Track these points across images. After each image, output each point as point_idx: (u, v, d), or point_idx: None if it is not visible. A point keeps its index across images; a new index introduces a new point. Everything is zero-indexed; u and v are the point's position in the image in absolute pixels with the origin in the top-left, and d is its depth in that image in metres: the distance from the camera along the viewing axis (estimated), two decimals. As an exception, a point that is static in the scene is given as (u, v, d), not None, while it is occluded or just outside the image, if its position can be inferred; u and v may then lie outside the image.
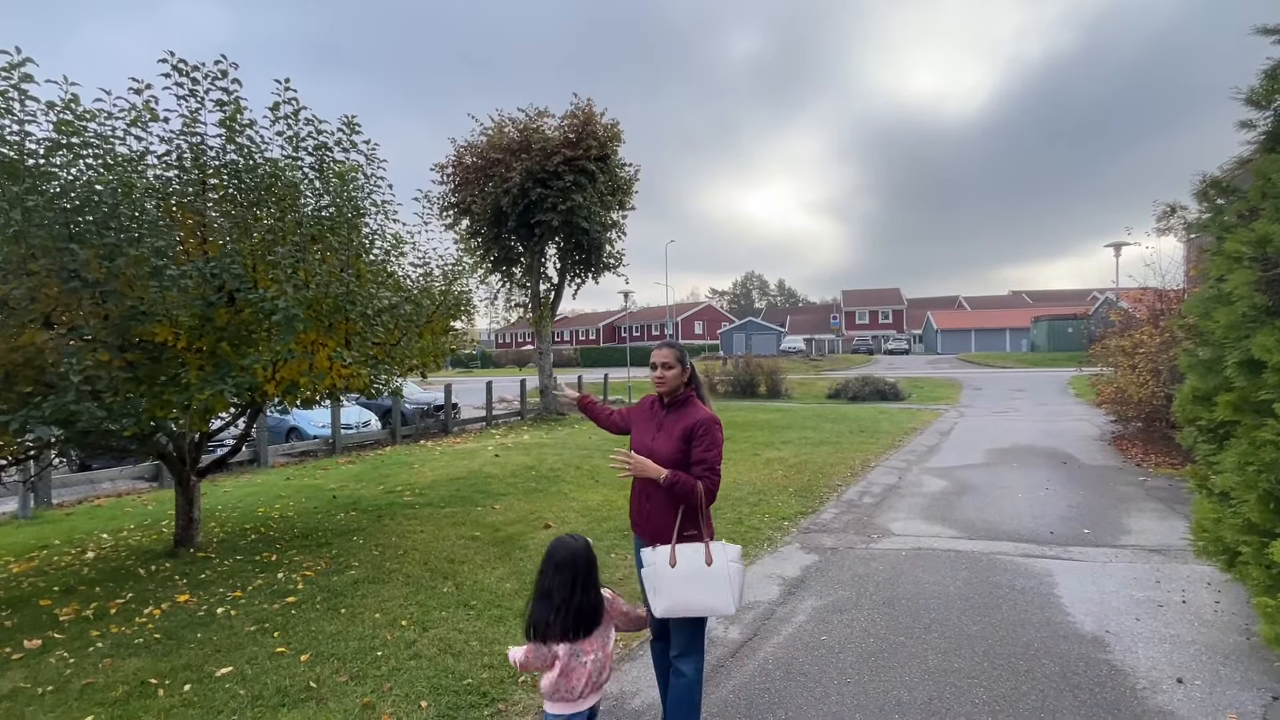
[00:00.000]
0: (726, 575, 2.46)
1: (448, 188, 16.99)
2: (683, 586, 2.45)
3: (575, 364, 56.71)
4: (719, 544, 2.52)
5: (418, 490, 8.09)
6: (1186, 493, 7.24)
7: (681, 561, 2.46)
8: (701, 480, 2.50)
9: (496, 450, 11.51)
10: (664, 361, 2.68)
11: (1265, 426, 3.05)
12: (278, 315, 3.73)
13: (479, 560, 5.25)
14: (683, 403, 2.69)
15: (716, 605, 2.48)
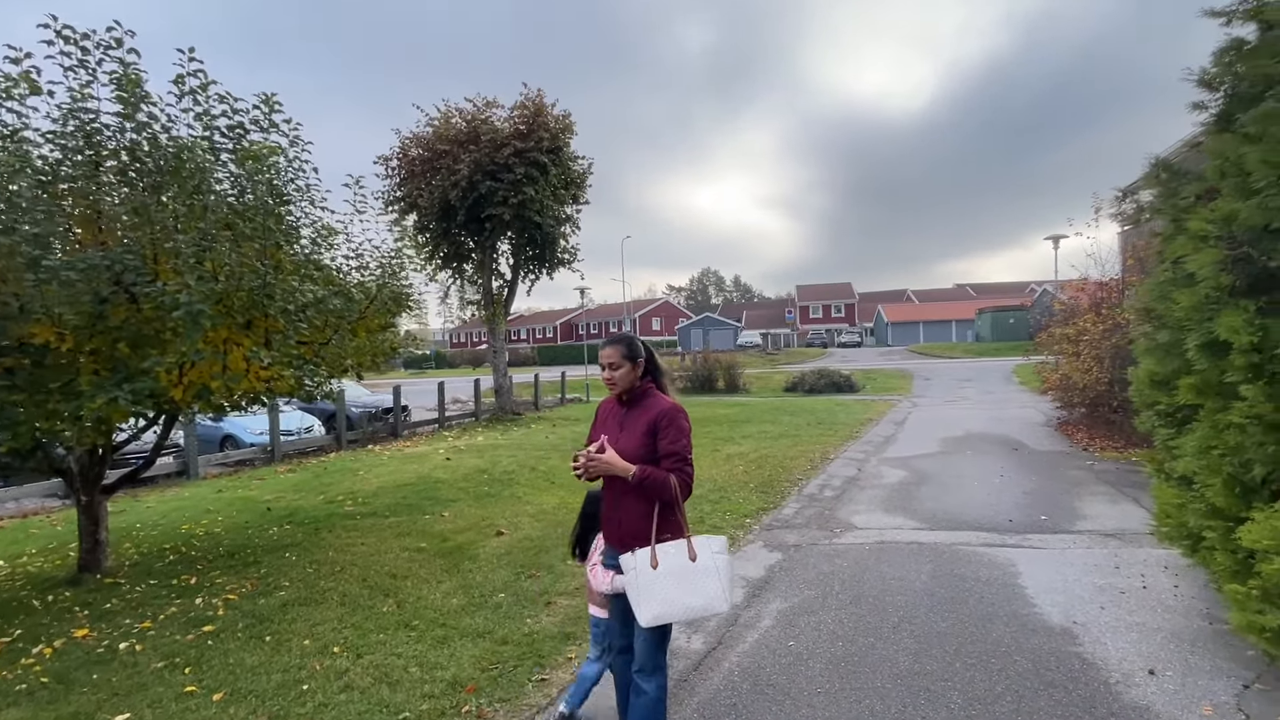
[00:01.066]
0: (715, 568, 2.31)
1: (393, 181, 16.29)
2: (669, 588, 2.28)
3: (532, 362, 55.88)
4: (701, 537, 2.37)
5: (361, 499, 7.60)
6: (1134, 476, 7.42)
7: (663, 561, 2.30)
8: (674, 473, 2.33)
9: (448, 453, 11.04)
10: (609, 361, 2.48)
11: (1231, 409, 2.99)
12: (179, 311, 3.29)
13: (424, 574, 4.88)
14: (642, 396, 2.52)
15: (709, 603, 2.30)
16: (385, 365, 7.05)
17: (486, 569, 4.95)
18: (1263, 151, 2.56)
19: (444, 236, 16.20)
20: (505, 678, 3.31)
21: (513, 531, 5.95)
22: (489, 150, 14.72)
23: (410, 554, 5.38)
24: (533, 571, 4.84)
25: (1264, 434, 2.83)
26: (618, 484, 2.41)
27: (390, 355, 6.20)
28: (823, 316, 67.24)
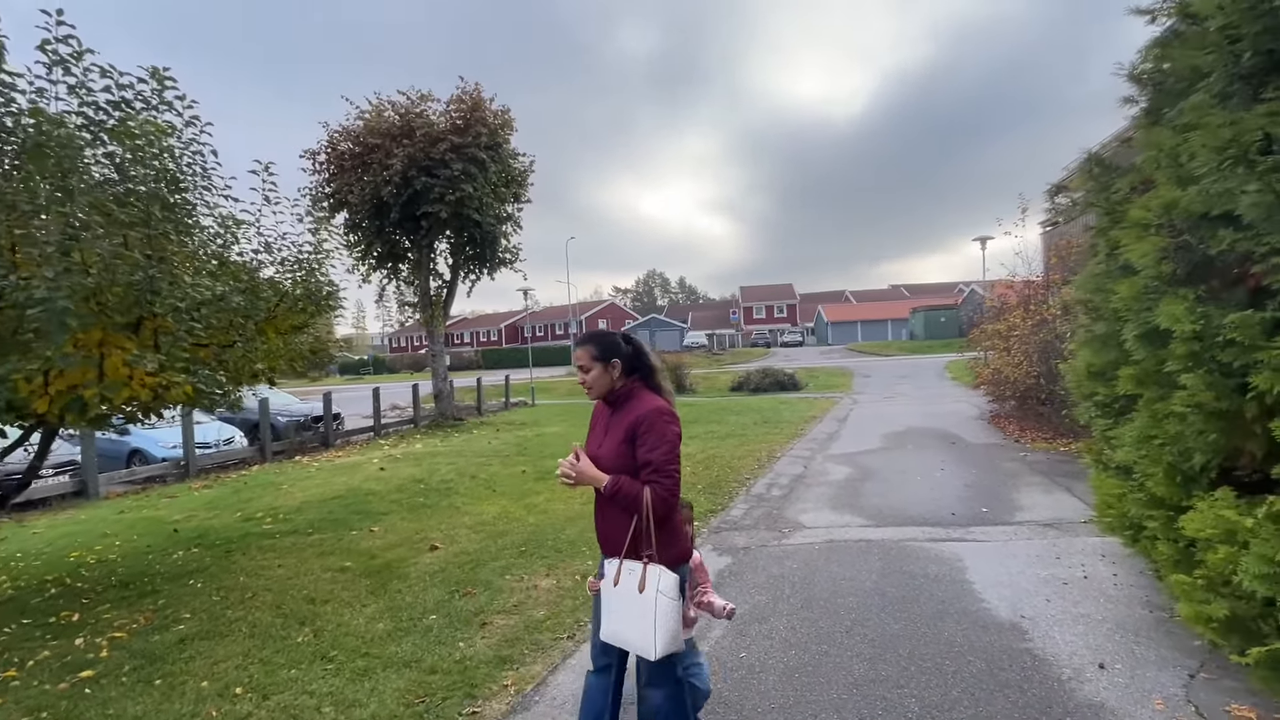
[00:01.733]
0: (653, 607, 2.07)
1: (321, 177, 15.41)
2: (619, 611, 2.15)
3: (476, 366, 54.55)
4: (657, 568, 2.12)
5: (282, 515, 7.02)
6: (1065, 466, 7.67)
7: (623, 581, 2.15)
8: (649, 486, 2.11)
9: (383, 463, 10.45)
10: (579, 364, 2.32)
11: (1170, 398, 2.99)
12: (38, 309, 2.81)
13: (346, 597, 4.46)
14: (627, 397, 2.30)
15: (639, 641, 2.11)
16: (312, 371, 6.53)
17: (417, 588, 4.57)
18: (1204, 138, 2.53)
19: (378, 235, 15.45)
20: (433, 713, 2.99)
21: (448, 545, 5.57)
22: (424, 145, 14.11)
23: (333, 575, 4.93)
24: (468, 589, 4.50)
25: (1204, 422, 2.83)
26: (599, 493, 2.25)
27: (310, 359, 5.70)
28: (766, 317, 68.51)
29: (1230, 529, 2.65)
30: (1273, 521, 2.48)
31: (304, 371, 6.16)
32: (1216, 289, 2.84)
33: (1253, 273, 2.57)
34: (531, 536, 5.69)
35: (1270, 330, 2.52)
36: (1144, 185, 3.53)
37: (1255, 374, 2.55)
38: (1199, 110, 3.12)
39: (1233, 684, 2.84)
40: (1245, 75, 2.99)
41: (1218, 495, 2.86)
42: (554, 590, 4.41)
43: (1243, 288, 2.75)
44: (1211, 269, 2.85)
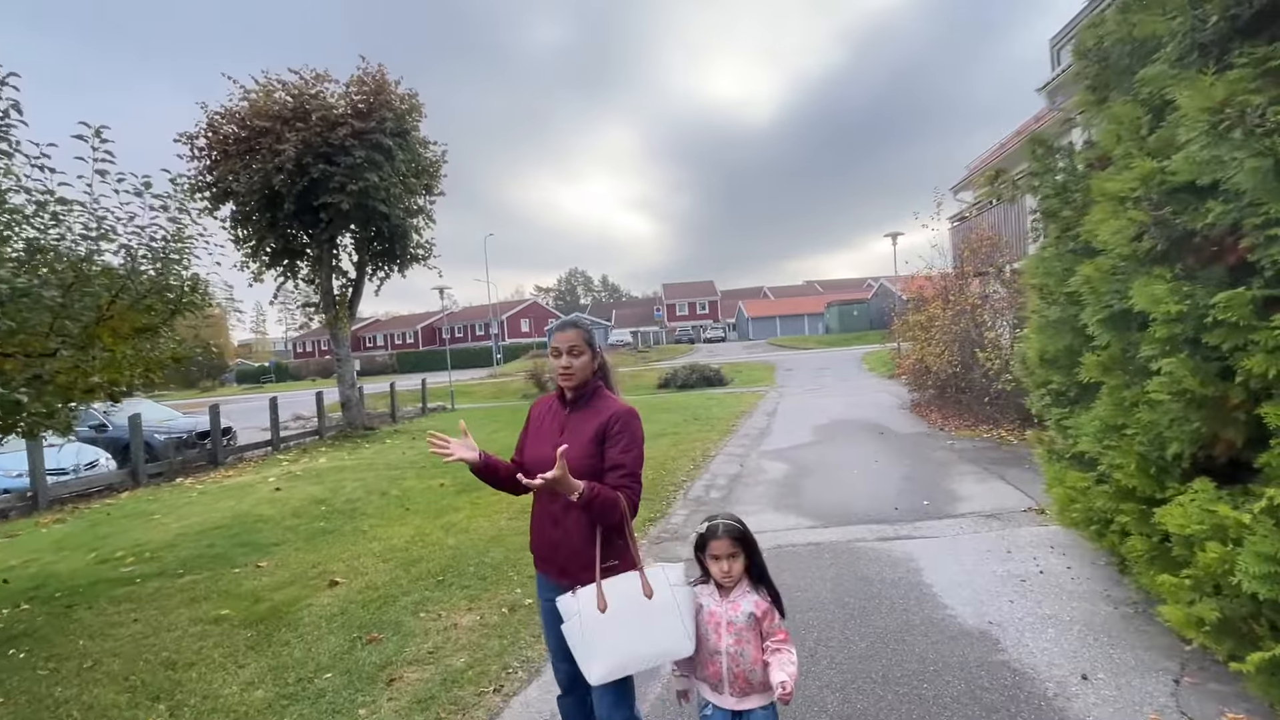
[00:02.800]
0: (675, 604, 1.92)
1: (201, 164, 13.77)
2: (622, 635, 1.87)
3: (391, 370, 51.84)
4: (656, 568, 1.99)
5: (148, 553, 5.96)
6: (991, 453, 7.77)
7: (614, 602, 1.90)
8: (621, 490, 1.93)
9: (279, 482, 9.32)
10: (570, 346, 2.07)
11: (1148, 384, 2.79)
12: None
13: (218, 657, 3.67)
14: (591, 396, 2.12)
15: (672, 647, 1.91)
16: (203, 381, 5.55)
17: (310, 638, 3.84)
18: (1195, 99, 2.31)
19: (270, 229, 13.99)
20: (321, 814, 2.35)
21: (351, 579, 4.81)
22: (321, 130, 12.86)
23: (203, 628, 4.09)
24: (373, 634, 3.81)
25: (1185, 409, 2.64)
26: (555, 504, 1.99)
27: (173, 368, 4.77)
28: (689, 314, 69.20)
29: (1220, 525, 2.46)
30: (1271, 516, 2.29)
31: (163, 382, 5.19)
32: (1192, 266, 2.66)
33: (1241, 246, 2.37)
34: (451, 562, 5.03)
35: (1261, 309, 2.34)
36: (1101, 161, 3.37)
37: (1246, 356, 2.36)
38: (1159, 80, 2.95)
39: (1219, 687, 2.67)
40: (1205, 43, 2.83)
41: (1196, 486, 2.69)
42: (477, 628, 3.80)
43: (1221, 265, 2.57)
44: (1187, 245, 2.66)
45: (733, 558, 1.96)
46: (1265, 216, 2.23)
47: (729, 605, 1.97)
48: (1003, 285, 10.60)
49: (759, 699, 1.95)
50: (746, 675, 1.92)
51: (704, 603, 2.01)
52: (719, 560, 1.97)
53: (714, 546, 1.97)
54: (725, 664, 1.93)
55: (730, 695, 1.94)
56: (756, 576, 2.03)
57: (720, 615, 1.97)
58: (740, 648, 1.93)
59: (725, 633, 1.94)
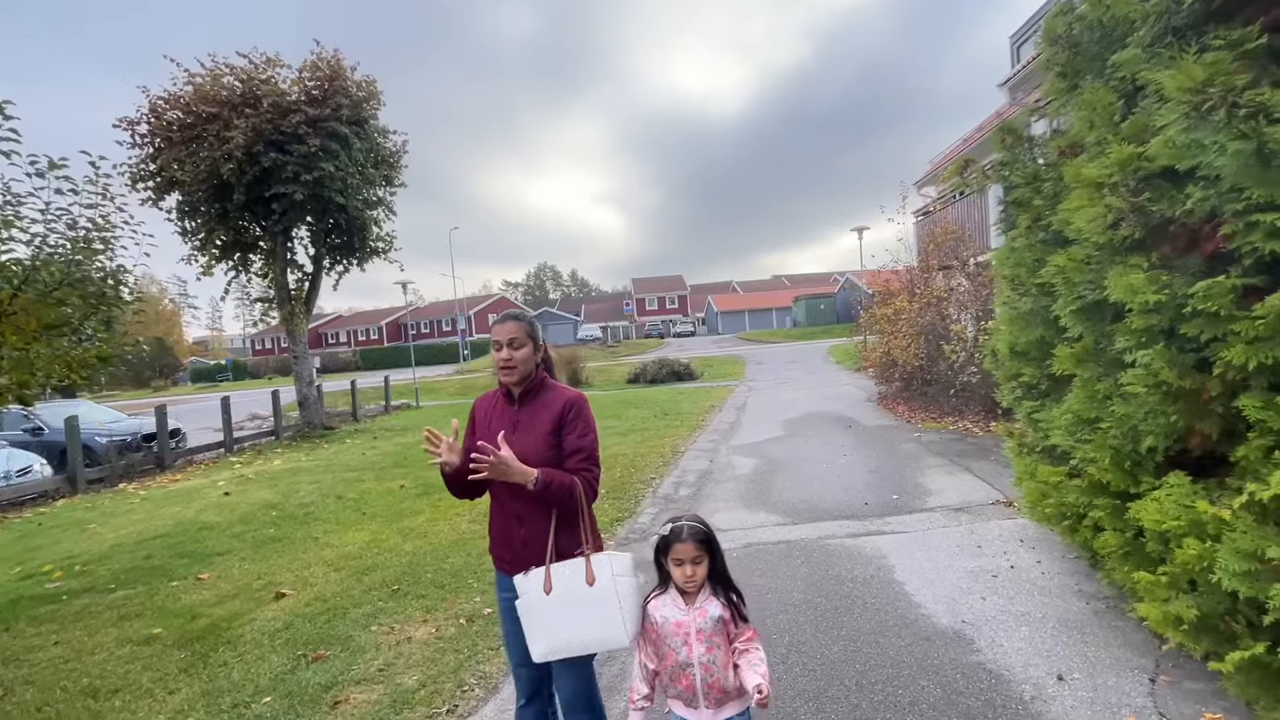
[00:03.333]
0: (615, 594, 1.89)
1: (142, 151, 13.04)
2: (560, 618, 1.89)
3: (354, 367, 50.56)
4: (604, 555, 1.96)
5: (79, 567, 5.55)
6: (958, 445, 7.81)
7: (559, 585, 1.91)
8: (579, 475, 1.96)
9: (229, 486, 8.88)
10: (511, 338, 2.03)
11: (1123, 376, 2.72)
12: None
13: (147, 681, 3.37)
14: (539, 388, 2.11)
15: (604, 636, 1.89)
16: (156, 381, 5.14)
17: (251, 657, 3.56)
18: (1177, 79, 2.22)
19: (220, 221, 13.35)
20: None
21: (300, 591, 4.53)
22: (272, 116, 12.29)
23: (132, 650, 3.78)
24: (320, 650, 3.56)
25: (1162, 402, 2.57)
26: (516, 499, 1.97)
27: (100, 366, 4.41)
28: (658, 308, 69.17)
29: (1198, 521, 2.39)
30: (1251, 512, 2.22)
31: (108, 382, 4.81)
32: (1169, 255, 2.58)
33: (1220, 234, 2.30)
34: (407, 570, 4.78)
35: (1240, 298, 2.27)
36: (1072, 148, 3.30)
37: (1226, 347, 2.29)
38: (1133, 65, 2.87)
39: (1195, 685, 2.62)
40: (1179, 27, 2.76)
41: (1171, 481, 2.63)
42: (431, 642, 3.58)
43: (1197, 253, 2.51)
44: (1163, 234, 2.59)
45: (696, 562, 1.86)
46: (1246, 202, 2.15)
47: (696, 612, 1.87)
48: (967, 278, 10.71)
49: (735, 706, 1.86)
50: (721, 683, 1.83)
51: (664, 615, 1.89)
52: (682, 565, 1.86)
53: (678, 550, 1.85)
54: (699, 675, 1.83)
55: (706, 708, 1.85)
56: (717, 579, 1.92)
57: (688, 624, 1.86)
58: (712, 655, 1.84)
59: (696, 642, 1.84)
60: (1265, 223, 2.12)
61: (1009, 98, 12.92)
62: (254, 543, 5.86)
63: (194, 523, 6.81)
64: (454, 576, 4.57)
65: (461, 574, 4.61)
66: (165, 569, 5.29)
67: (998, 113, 13.84)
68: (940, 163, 18.23)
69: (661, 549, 1.91)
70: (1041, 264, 3.47)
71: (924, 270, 11.86)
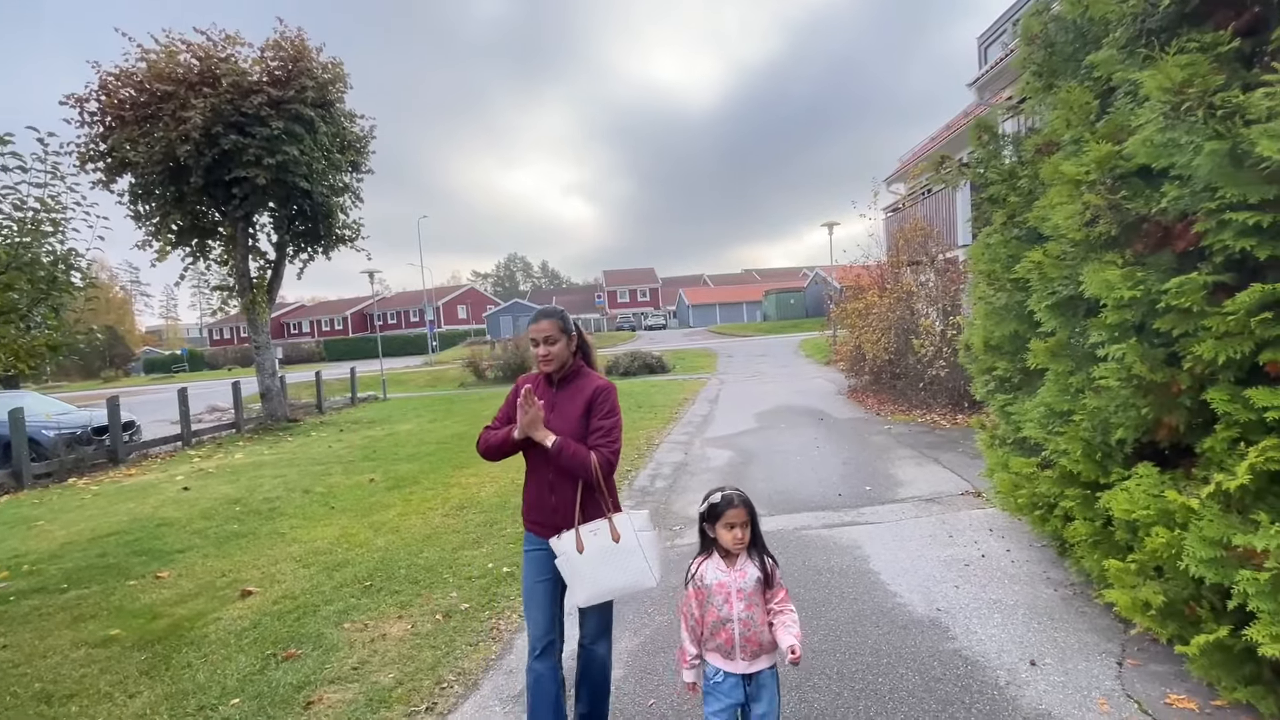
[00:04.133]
0: (639, 546, 2.28)
1: (92, 130, 12.42)
2: (597, 571, 2.25)
3: (318, 358, 49.34)
4: (623, 515, 2.32)
5: (27, 566, 5.29)
6: (926, 437, 7.98)
7: (588, 544, 2.25)
8: (596, 450, 2.27)
9: (188, 480, 8.57)
10: (546, 335, 2.33)
11: (1096, 370, 2.79)
12: None
13: (105, 685, 3.23)
14: (574, 375, 2.42)
15: (636, 581, 2.28)
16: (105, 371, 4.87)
17: (216, 658, 3.44)
18: (1156, 79, 2.26)
19: (176, 205, 12.81)
20: None
21: (267, 588, 4.39)
22: (232, 97, 11.81)
23: (88, 652, 3.61)
24: (290, 649, 3.45)
25: (1134, 395, 2.64)
26: (551, 466, 2.30)
27: (50, 355, 4.18)
28: (630, 301, 69.08)
29: (1167, 509, 2.47)
30: (1217, 501, 2.30)
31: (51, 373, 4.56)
32: (1141, 252, 2.65)
33: (1194, 232, 2.36)
34: (379, 565, 4.67)
35: (1211, 295, 2.34)
36: (1047, 148, 3.37)
37: (1196, 342, 2.36)
38: (1109, 65, 2.93)
39: (1160, 668, 2.72)
40: (1154, 29, 2.82)
41: (1140, 471, 2.71)
42: (407, 639, 3.50)
43: (1169, 250, 2.58)
44: (1137, 231, 2.66)
45: (744, 525, 2.06)
46: (1219, 201, 2.21)
47: (736, 573, 2.07)
48: (935, 274, 10.93)
49: (766, 660, 2.08)
50: (757, 638, 2.04)
51: (709, 575, 2.09)
52: (733, 529, 2.05)
53: (730, 515, 2.06)
54: (737, 630, 2.03)
55: (741, 660, 2.05)
56: (754, 544, 2.12)
57: (729, 584, 2.06)
58: (750, 612, 2.04)
59: (736, 600, 2.04)
60: (1236, 221, 2.18)
61: (977, 97, 13.18)
62: (216, 539, 5.66)
63: (151, 519, 6.55)
64: (428, 571, 4.48)
65: (436, 569, 4.52)
66: (122, 567, 5.07)
67: (966, 112, 14.12)
68: (909, 160, 18.53)
69: (710, 516, 2.10)
70: (1016, 259, 3.54)
71: (894, 266, 12.06)
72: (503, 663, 3.24)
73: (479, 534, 5.26)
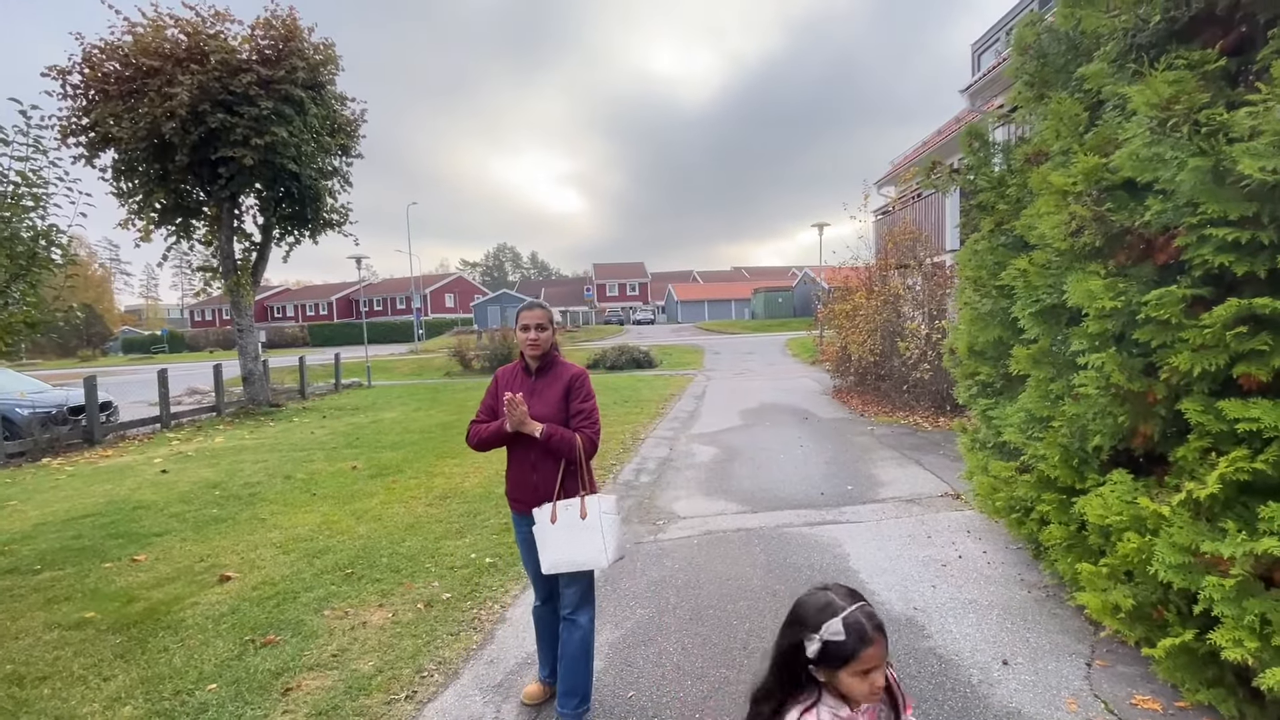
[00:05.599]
0: (598, 526, 2.46)
1: (75, 104, 12.14)
2: (562, 542, 2.47)
3: (302, 343, 48.80)
4: (595, 497, 2.52)
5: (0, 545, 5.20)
6: (909, 439, 8.07)
7: (561, 516, 2.48)
8: (580, 432, 2.51)
9: (167, 463, 8.45)
10: (538, 323, 2.58)
11: (1075, 377, 2.85)
12: None
13: (79, 668, 3.19)
14: (551, 363, 2.64)
15: (591, 559, 2.47)
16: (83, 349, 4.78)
17: (194, 643, 3.41)
18: (1145, 94, 2.31)
19: (160, 183, 12.59)
20: None
21: (246, 574, 4.36)
22: (220, 74, 11.60)
23: (62, 634, 3.57)
24: (269, 635, 3.44)
25: (1111, 404, 2.70)
26: (534, 449, 2.51)
27: (28, 332, 4.11)
28: (619, 295, 68.99)
29: (1139, 516, 2.53)
30: (1188, 509, 2.37)
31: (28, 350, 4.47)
32: (1123, 264, 2.71)
33: (1175, 245, 2.42)
34: (361, 553, 4.65)
35: (1189, 308, 2.39)
36: (1037, 157, 3.42)
37: (1173, 353, 2.42)
38: (1099, 78, 2.98)
39: (1127, 670, 2.79)
40: (1143, 44, 2.87)
41: (1115, 478, 2.78)
42: (388, 627, 3.50)
43: (1150, 263, 2.63)
44: (1120, 243, 2.71)
45: (885, 663, 1.34)
46: (1201, 216, 2.26)
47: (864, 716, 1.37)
48: (923, 278, 11.03)
49: None
50: None
51: None
52: (871, 674, 1.29)
53: (869, 656, 1.28)
54: None
55: None
56: None
57: None
58: None
59: None
60: (1216, 237, 2.24)
61: (970, 103, 13.30)
62: (195, 523, 5.60)
63: (128, 501, 6.46)
64: (410, 560, 4.47)
65: (418, 558, 4.51)
66: (97, 549, 5.00)
67: (957, 118, 14.23)
68: (900, 163, 18.65)
69: (830, 658, 1.30)
70: (1002, 266, 3.59)
71: (882, 268, 12.16)
72: (484, 652, 3.25)
73: (462, 524, 5.25)
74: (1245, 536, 2.15)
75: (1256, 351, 2.19)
